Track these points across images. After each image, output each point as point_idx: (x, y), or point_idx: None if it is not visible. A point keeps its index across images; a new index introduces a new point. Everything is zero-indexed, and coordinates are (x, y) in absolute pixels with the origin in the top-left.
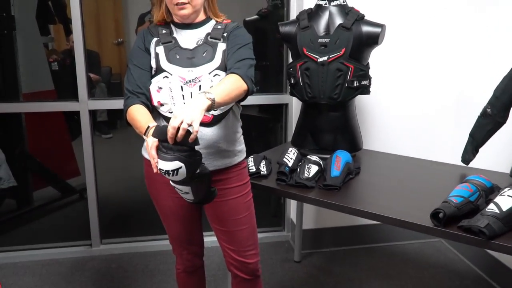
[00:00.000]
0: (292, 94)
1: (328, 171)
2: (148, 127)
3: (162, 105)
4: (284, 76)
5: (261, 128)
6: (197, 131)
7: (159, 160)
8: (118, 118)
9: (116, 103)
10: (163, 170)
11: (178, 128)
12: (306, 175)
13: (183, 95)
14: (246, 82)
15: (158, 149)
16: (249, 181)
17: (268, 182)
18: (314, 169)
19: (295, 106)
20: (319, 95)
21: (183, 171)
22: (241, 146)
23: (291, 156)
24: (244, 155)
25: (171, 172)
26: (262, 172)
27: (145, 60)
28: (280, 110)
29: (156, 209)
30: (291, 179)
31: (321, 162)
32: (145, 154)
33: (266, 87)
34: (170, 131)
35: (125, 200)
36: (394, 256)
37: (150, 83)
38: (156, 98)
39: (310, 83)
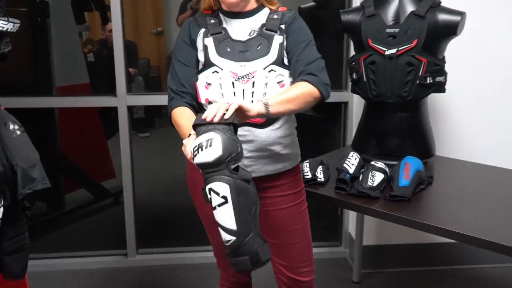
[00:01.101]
0: (354, 91)
1: (396, 180)
2: (190, 134)
3: (210, 103)
4: (344, 71)
5: (317, 129)
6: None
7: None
8: (156, 116)
9: (156, 99)
10: (195, 146)
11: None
12: (369, 183)
13: (234, 92)
14: (319, 89)
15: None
16: (304, 189)
17: (326, 190)
18: (379, 177)
19: (356, 104)
20: (386, 92)
21: (217, 142)
22: (296, 149)
23: (352, 161)
24: (299, 159)
25: (204, 144)
26: (319, 179)
27: (190, 55)
28: (339, 109)
29: (200, 217)
30: (352, 187)
31: (387, 170)
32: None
33: None
34: (212, 109)
35: (165, 206)
36: (473, 282)
37: (197, 79)
38: (204, 95)
39: (376, 79)
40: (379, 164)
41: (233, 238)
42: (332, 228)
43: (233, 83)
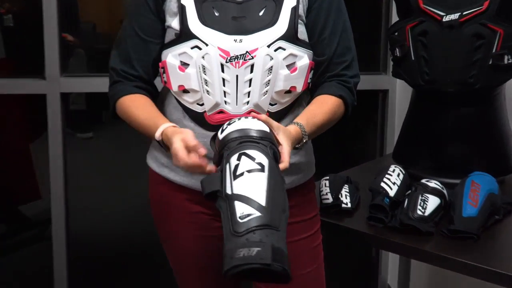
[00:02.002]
0: (396, 74)
1: (458, 208)
2: (162, 132)
3: (186, 91)
4: (382, 46)
5: (342, 130)
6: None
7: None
8: (103, 108)
9: (103, 83)
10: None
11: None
12: (419, 212)
13: (223, 79)
14: (347, 106)
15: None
16: (318, 214)
17: (354, 221)
18: (433, 202)
19: (400, 95)
20: (444, 77)
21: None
22: (310, 157)
23: (393, 179)
24: (314, 170)
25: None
26: (344, 205)
27: (151, 22)
28: (375, 101)
29: (167, 255)
30: (394, 218)
31: (444, 192)
32: (153, 164)
33: None
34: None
35: (112, 239)
36: None
37: (162, 57)
38: (176, 80)
39: (429, 58)
40: (433, 184)
41: (257, 213)
42: (362, 276)
43: (222, 65)
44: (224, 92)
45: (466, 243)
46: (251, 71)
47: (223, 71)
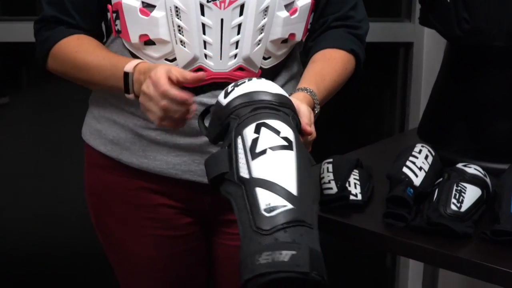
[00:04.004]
0: (425, 22)
1: (506, 202)
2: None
3: (150, 43)
4: None
5: (350, 97)
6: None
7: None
8: (24, 65)
9: (26, 31)
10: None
11: None
12: (453, 207)
13: (203, 25)
14: (359, 62)
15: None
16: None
17: (366, 218)
18: (472, 194)
19: (429, 50)
20: (489, 26)
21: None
22: None
23: (419, 162)
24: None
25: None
26: (352, 197)
27: None
28: (394, 58)
29: (111, 263)
30: (419, 215)
31: (487, 180)
32: (94, 142)
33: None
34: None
35: (35, 242)
36: None
37: (108, 0)
38: (136, 28)
39: None
40: (473, 170)
41: (288, 205)
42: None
43: (202, 6)
44: (205, 42)
45: None
46: (241, 13)
47: (203, 13)
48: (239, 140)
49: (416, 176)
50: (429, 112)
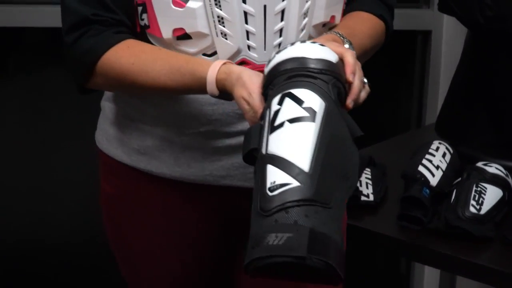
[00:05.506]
0: (444, 8)
1: None
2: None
3: (185, 37)
4: None
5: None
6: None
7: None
8: (11, 49)
9: (9, 15)
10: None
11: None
12: (473, 209)
13: (245, 14)
14: (388, 32)
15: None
16: None
17: (379, 221)
18: (493, 195)
19: (449, 38)
20: None
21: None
22: None
23: (436, 161)
24: None
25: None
26: (364, 197)
27: None
28: (411, 46)
29: (126, 277)
30: (436, 217)
31: (510, 181)
32: (116, 151)
33: None
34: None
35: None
36: None
37: None
38: (169, 21)
39: None
40: (494, 169)
41: (295, 182)
42: None
43: None
44: (247, 32)
45: None
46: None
47: (244, 1)
48: (267, 112)
49: (433, 175)
50: (448, 105)
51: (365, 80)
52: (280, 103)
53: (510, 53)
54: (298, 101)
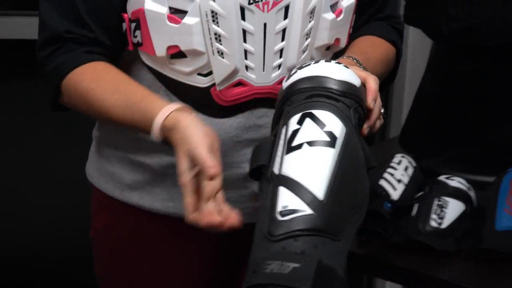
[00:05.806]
0: (409, 20)
1: (490, 217)
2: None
3: (180, 55)
4: None
5: None
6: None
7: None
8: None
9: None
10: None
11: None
12: (434, 223)
13: (244, 32)
14: (398, 58)
15: None
16: None
17: None
18: (454, 209)
19: (414, 50)
20: (483, 24)
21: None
22: None
23: (398, 174)
24: None
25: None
26: None
27: None
28: None
29: None
30: (397, 231)
31: (471, 195)
32: (106, 186)
33: None
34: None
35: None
36: None
37: (123, 8)
38: (164, 38)
39: None
40: (456, 182)
41: (308, 210)
42: None
43: (242, 9)
44: (245, 51)
45: (503, 269)
46: (285, 16)
47: (243, 18)
48: (283, 130)
49: (395, 189)
50: (413, 118)
51: (382, 110)
52: (300, 122)
53: (475, 66)
54: (319, 124)
